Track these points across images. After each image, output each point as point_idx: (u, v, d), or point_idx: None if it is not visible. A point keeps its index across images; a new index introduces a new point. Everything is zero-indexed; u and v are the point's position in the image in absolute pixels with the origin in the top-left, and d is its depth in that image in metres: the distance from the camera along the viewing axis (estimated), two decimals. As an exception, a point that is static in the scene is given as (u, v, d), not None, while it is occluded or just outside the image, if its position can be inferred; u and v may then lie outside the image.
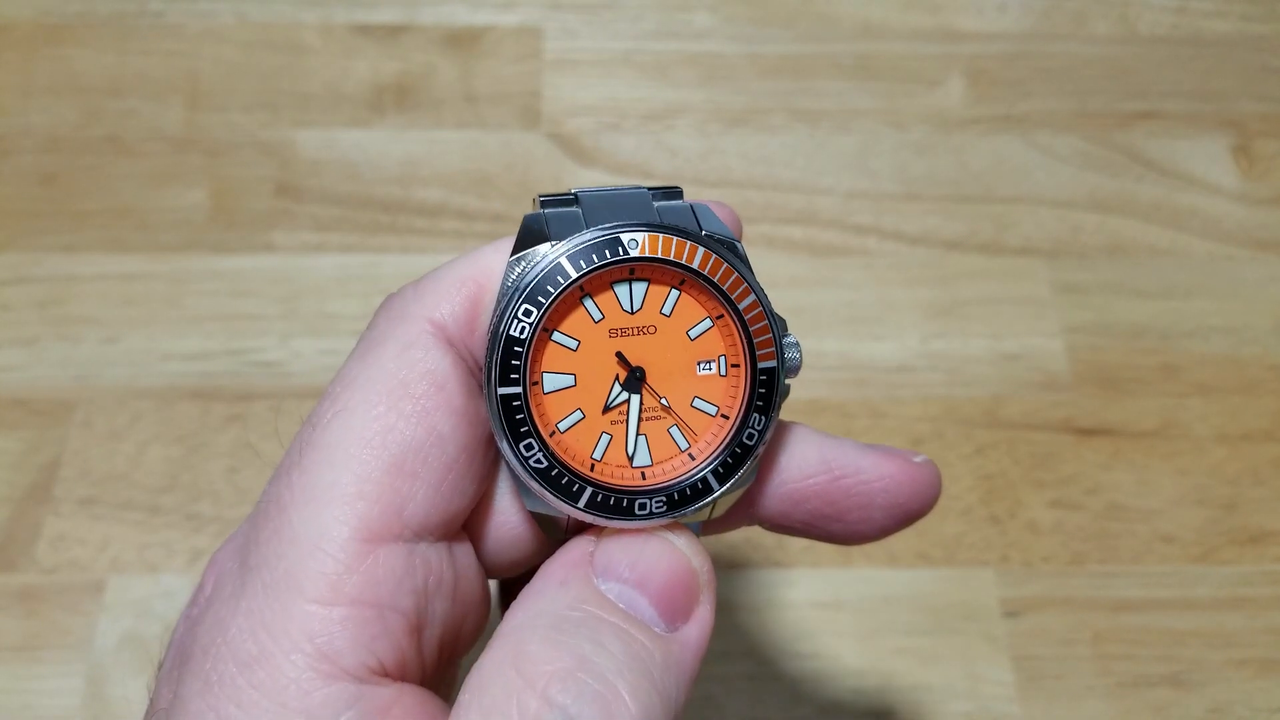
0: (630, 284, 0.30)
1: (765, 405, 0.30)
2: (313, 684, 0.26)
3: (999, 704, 0.51)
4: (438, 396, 0.29)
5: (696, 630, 0.29)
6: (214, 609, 0.28)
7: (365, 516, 0.27)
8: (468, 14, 0.70)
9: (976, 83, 0.69)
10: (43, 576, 0.52)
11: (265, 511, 0.28)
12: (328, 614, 0.26)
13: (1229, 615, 0.53)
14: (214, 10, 0.69)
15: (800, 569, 0.54)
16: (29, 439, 0.56)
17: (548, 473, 0.29)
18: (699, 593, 0.29)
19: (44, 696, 0.50)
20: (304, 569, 0.27)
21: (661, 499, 0.30)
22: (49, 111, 0.66)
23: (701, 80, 0.69)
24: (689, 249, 0.29)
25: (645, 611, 0.28)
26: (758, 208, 0.64)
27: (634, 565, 0.29)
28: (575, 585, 0.28)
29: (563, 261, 0.29)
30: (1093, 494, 0.56)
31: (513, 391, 0.29)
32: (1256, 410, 0.59)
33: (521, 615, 0.27)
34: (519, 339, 0.29)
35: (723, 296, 0.30)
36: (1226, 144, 0.67)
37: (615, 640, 0.27)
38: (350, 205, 0.63)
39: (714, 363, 0.31)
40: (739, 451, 0.30)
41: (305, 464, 0.28)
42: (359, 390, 0.29)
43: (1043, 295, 0.62)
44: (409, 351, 0.29)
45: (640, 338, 0.30)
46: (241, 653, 0.26)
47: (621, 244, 0.29)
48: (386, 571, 0.27)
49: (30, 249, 0.61)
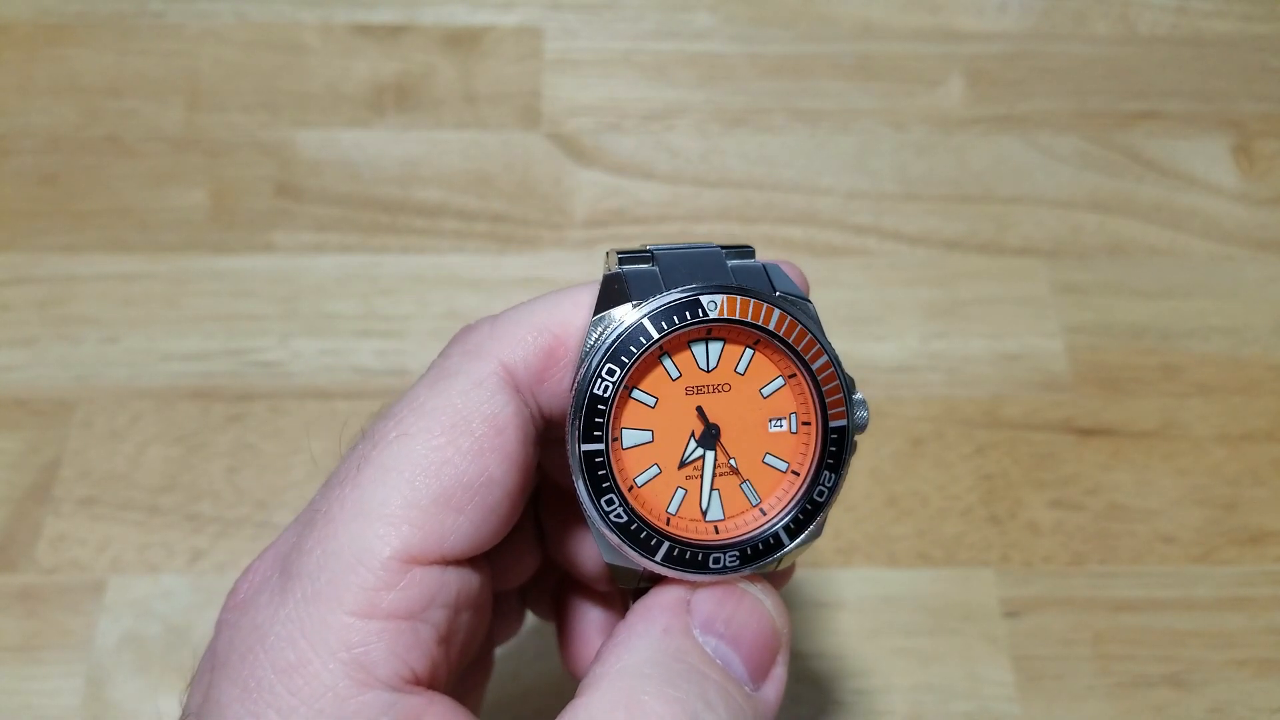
0: (707, 343, 0.31)
1: (836, 463, 0.31)
2: (349, 691, 0.27)
3: (999, 704, 0.51)
4: (495, 439, 0.29)
5: (774, 691, 0.30)
6: (250, 615, 0.29)
7: (408, 540, 0.28)
8: (468, 14, 0.70)
9: (976, 83, 0.69)
10: (43, 576, 0.52)
11: (312, 522, 0.29)
12: (365, 626, 0.27)
13: (1229, 615, 0.53)
14: (214, 10, 0.69)
15: (800, 569, 0.54)
16: (29, 439, 0.56)
17: (627, 527, 0.30)
18: (779, 653, 0.31)
19: (44, 696, 0.50)
20: (345, 582, 0.28)
21: (735, 553, 0.31)
22: (49, 111, 0.66)
23: (701, 80, 0.69)
24: (765, 311, 0.30)
25: (738, 669, 0.29)
26: (758, 208, 0.64)
27: (729, 622, 0.30)
28: (677, 636, 0.29)
29: (645, 323, 0.30)
30: (1093, 494, 0.56)
31: (596, 448, 0.30)
32: (1256, 410, 0.59)
33: (629, 659, 0.28)
34: (603, 397, 0.30)
35: (795, 356, 0.31)
36: (1226, 144, 0.67)
37: (720, 699, 0.28)
38: (350, 205, 0.63)
39: (785, 420, 0.32)
40: (810, 508, 0.31)
41: (360, 480, 0.29)
42: (423, 418, 0.29)
43: (1043, 295, 0.62)
44: (477, 390, 0.30)
45: (715, 395, 0.31)
46: (280, 660, 0.27)
47: (701, 306, 0.30)
48: (421, 590, 0.28)
49: (30, 249, 0.61)
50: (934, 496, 0.56)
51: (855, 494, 0.56)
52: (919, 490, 0.56)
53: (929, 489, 0.56)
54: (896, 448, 0.57)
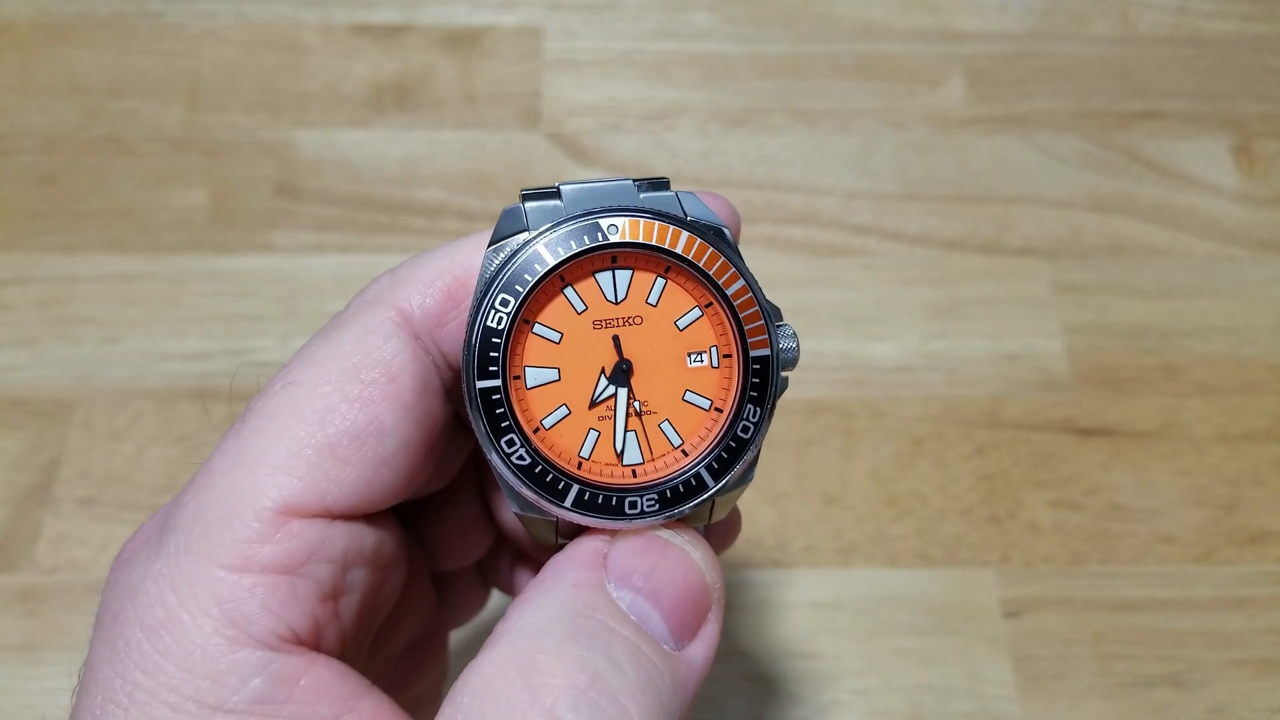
0: (614, 272, 0.29)
1: (760, 396, 0.29)
2: (219, 649, 0.25)
3: (999, 704, 0.51)
4: (388, 387, 0.28)
5: (703, 651, 0.28)
6: (126, 573, 0.27)
7: (287, 491, 0.27)
8: (468, 14, 0.70)
9: (976, 83, 0.69)
10: (43, 576, 0.52)
11: (194, 476, 0.28)
12: (238, 580, 0.26)
13: (1229, 615, 0.53)
14: (214, 10, 0.69)
15: (800, 569, 0.54)
16: (29, 439, 0.56)
17: (531, 470, 0.28)
18: (709, 610, 0.28)
19: (44, 696, 0.50)
20: (219, 535, 0.26)
21: (653, 496, 0.29)
22: (49, 111, 0.66)
23: (701, 80, 0.69)
24: (672, 233, 0.28)
25: (657, 627, 0.27)
26: (758, 208, 0.64)
27: (649, 575, 0.28)
28: (588, 590, 0.27)
29: (540, 249, 0.28)
30: (1093, 494, 0.56)
31: (492, 385, 0.28)
32: (1256, 410, 0.59)
33: (531, 616, 0.26)
34: (496, 329, 0.28)
35: (710, 283, 0.29)
36: (1226, 144, 0.67)
37: (628, 658, 0.26)
38: (350, 205, 0.63)
39: (705, 354, 0.29)
40: (733, 446, 0.29)
41: (241, 431, 0.28)
42: (311, 367, 0.28)
43: (1043, 295, 0.62)
44: (368, 337, 0.28)
45: (626, 329, 0.29)
46: (148, 617, 0.26)
47: (601, 230, 0.28)
48: (300, 543, 0.27)
49: (30, 249, 0.61)
50: (934, 496, 0.56)
51: (855, 494, 0.56)
52: (919, 490, 0.56)
53: (929, 489, 0.56)
54: (896, 448, 0.57)
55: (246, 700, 0.25)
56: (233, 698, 0.25)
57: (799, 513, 0.55)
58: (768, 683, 0.51)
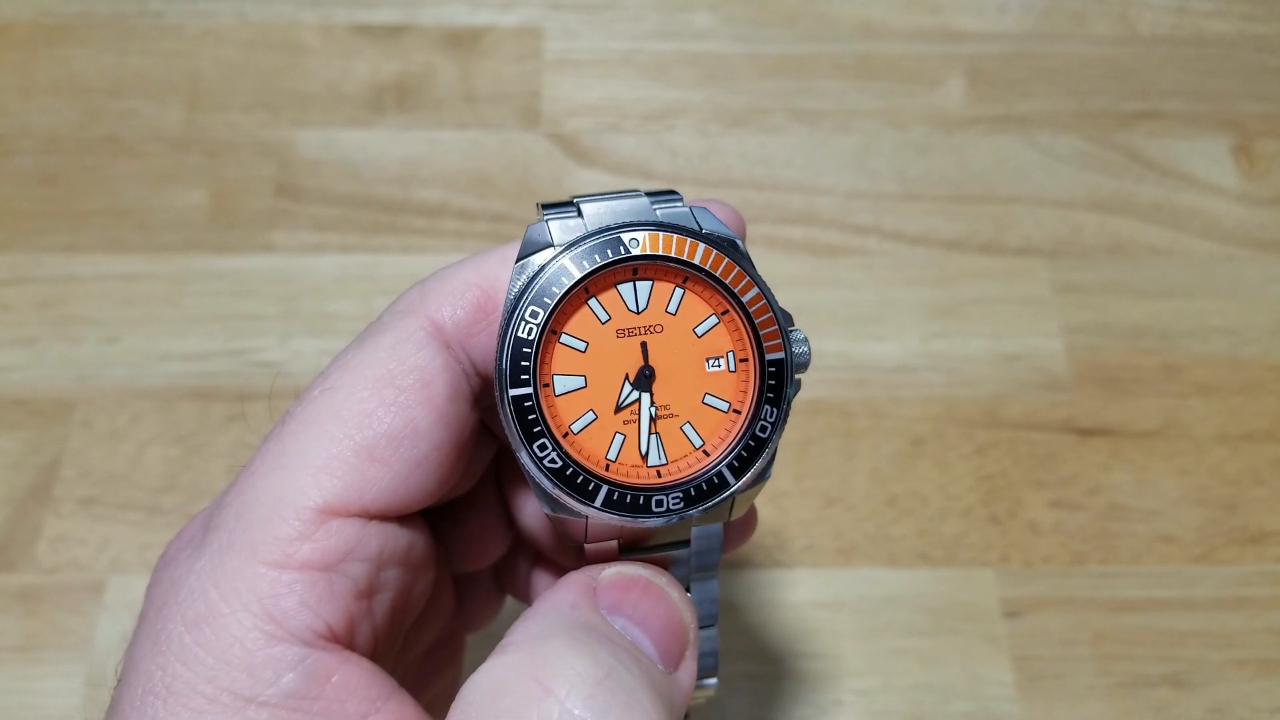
0: (634, 284, 0.31)
1: (776, 397, 0.31)
2: (257, 643, 0.26)
3: (999, 704, 0.51)
4: (422, 393, 0.29)
5: (686, 678, 0.29)
6: (170, 570, 0.28)
7: (328, 490, 0.28)
8: (468, 14, 0.70)
9: (976, 83, 0.69)
10: (43, 576, 0.52)
11: (236, 478, 0.29)
12: (278, 576, 0.27)
13: (1229, 615, 0.53)
14: (214, 10, 0.69)
15: (800, 569, 0.54)
16: (29, 439, 0.56)
17: (562, 472, 0.29)
18: (687, 648, 0.30)
19: (44, 696, 0.50)
20: (261, 532, 0.27)
21: (678, 494, 0.30)
22: (49, 111, 0.66)
23: (701, 80, 0.69)
24: (689, 245, 0.30)
25: (648, 650, 0.29)
26: (758, 208, 0.64)
27: (635, 607, 0.29)
28: (586, 611, 0.28)
29: (566, 263, 0.30)
30: (1093, 494, 0.56)
31: (524, 392, 0.29)
32: (1256, 410, 0.59)
33: (538, 625, 0.28)
34: (527, 340, 0.29)
35: (727, 292, 0.31)
36: (1226, 144, 0.67)
37: (634, 662, 0.27)
38: (350, 205, 0.63)
39: (723, 359, 0.31)
40: (753, 444, 0.31)
41: (282, 433, 0.29)
42: (349, 373, 0.29)
43: (1043, 295, 0.62)
44: (403, 345, 0.30)
45: (648, 337, 0.31)
46: (190, 612, 0.27)
47: (622, 244, 0.30)
48: (339, 541, 0.28)
49: (30, 249, 0.61)
50: (934, 496, 0.56)
51: (855, 494, 0.56)
52: (919, 490, 0.56)
53: (929, 489, 0.56)
54: (896, 448, 0.57)
55: (280, 694, 0.26)
56: (267, 691, 0.26)
57: (799, 512, 0.55)
58: (768, 683, 0.51)
